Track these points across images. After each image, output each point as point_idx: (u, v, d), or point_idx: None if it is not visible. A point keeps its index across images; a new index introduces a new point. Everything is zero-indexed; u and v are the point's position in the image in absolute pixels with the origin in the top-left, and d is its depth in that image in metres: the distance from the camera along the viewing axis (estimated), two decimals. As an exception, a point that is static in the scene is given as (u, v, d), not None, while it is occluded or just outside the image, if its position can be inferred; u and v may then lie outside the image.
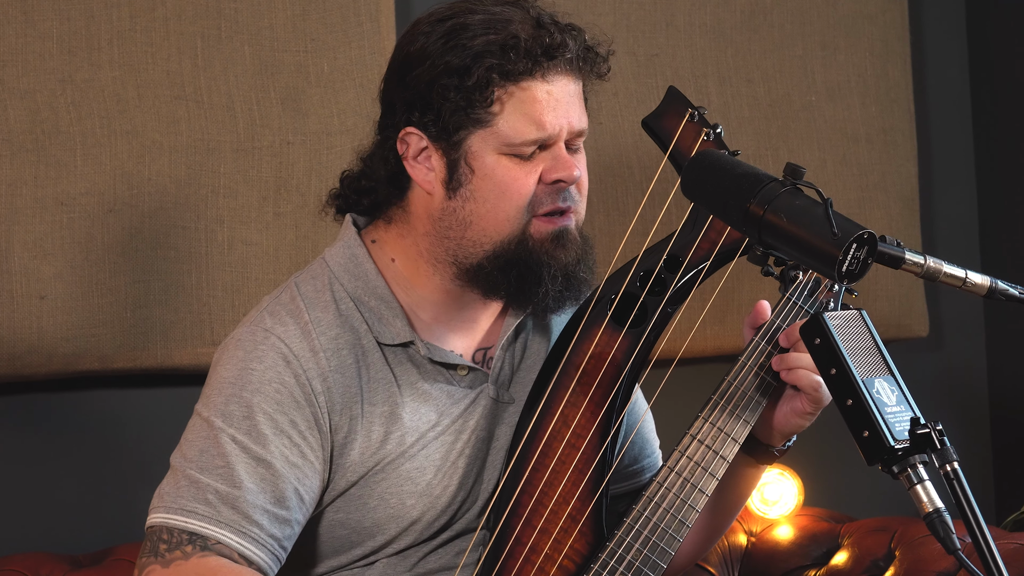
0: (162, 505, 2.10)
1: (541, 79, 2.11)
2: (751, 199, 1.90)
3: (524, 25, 2.12)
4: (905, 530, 2.91)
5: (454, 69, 2.10)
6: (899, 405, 1.81)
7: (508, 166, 2.13)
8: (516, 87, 2.11)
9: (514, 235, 2.15)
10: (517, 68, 2.10)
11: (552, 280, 2.16)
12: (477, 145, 2.13)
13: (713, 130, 2.23)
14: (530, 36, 2.10)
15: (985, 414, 3.58)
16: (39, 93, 2.74)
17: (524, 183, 2.13)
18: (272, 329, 2.15)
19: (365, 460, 2.16)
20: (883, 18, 3.35)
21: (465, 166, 2.13)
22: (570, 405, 2.16)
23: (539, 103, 2.11)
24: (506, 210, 2.14)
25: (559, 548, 2.13)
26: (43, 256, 2.74)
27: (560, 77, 2.13)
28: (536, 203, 2.15)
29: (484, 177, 2.13)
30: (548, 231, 2.15)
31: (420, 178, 2.17)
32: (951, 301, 3.52)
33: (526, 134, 2.12)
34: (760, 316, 2.19)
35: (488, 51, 2.09)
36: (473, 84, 2.09)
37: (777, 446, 2.23)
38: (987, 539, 1.72)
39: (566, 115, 2.14)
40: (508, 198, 2.13)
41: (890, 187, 3.35)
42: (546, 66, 2.11)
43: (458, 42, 2.11)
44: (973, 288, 1.93)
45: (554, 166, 2.14)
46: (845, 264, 1.83)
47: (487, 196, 2.14)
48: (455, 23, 2.13)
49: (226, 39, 2.84)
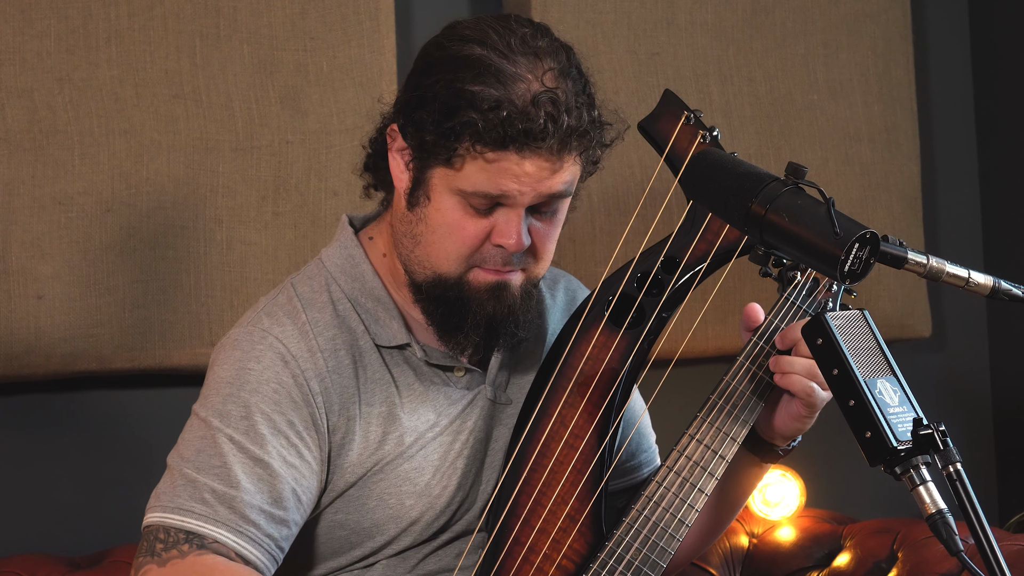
0: (159, 504, 2.10)
1: (515, 153, 2.05)
2: (753, 199, 1.90)
3: (524, 95, 2.04)
4: (908, 532, 2.91)
5: (441, 103, 2.06)
6: (902, 406, 1.81)
7: (460, 213, 2.10)
8: (482, 155, 2.05)
9: (452, 275, 2.13)
10: (490, 137, 2.03)
11: (473, 328, 2.14)
12: (437, 180, 2.10)
13: (710, 133, 2.20)
14: (520, 110, 2.03)
15: (988, 415, 3.58)
16: (37, 92, 2.74)
17: (469, 235, 2.10)
18: (270, 329, 2.15)
19: (364, 461, 2.16)
20: (885, 16, 3.35)
21: (424, 191, 2.11)
22: (568, 406, 2.15)
23: (504, 173, 2.06)
24: (447, 250, 2.12)
25: (558, 548, 2.13)
26: (41, 256, 2.74)
27: (535, 156, 2.06)
28: (479, 259, 2.12)
29: (437, 211, 2.11)
30: (486, 281, 2.13)
31: (395, 174, 2.16)
32: (954, 301, 3.52)
33: (479, 187, 2.07)
34: (751, 318, 2.19)
35: (475, 105, 2.04)
36: (448, 128, 2.05)
37: (781, 446, 2.22)
38: (990, 541, 1.72)
39: (533, 188, 2.07)
40: (452, 241, 2.11)
41: (893, 186, 3.35)
42: (520, 145, 2.05)
43: (461, 78, 2.06)
44: (976, 288, 1.93)
45: (503, 230, 2.10)
46: (847, 264, 1.83)
47: (435, 228, 2.11)
48: (472, 54, 2.07)
49: (225, 38, 2.84)
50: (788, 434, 2.20)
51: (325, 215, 2.88)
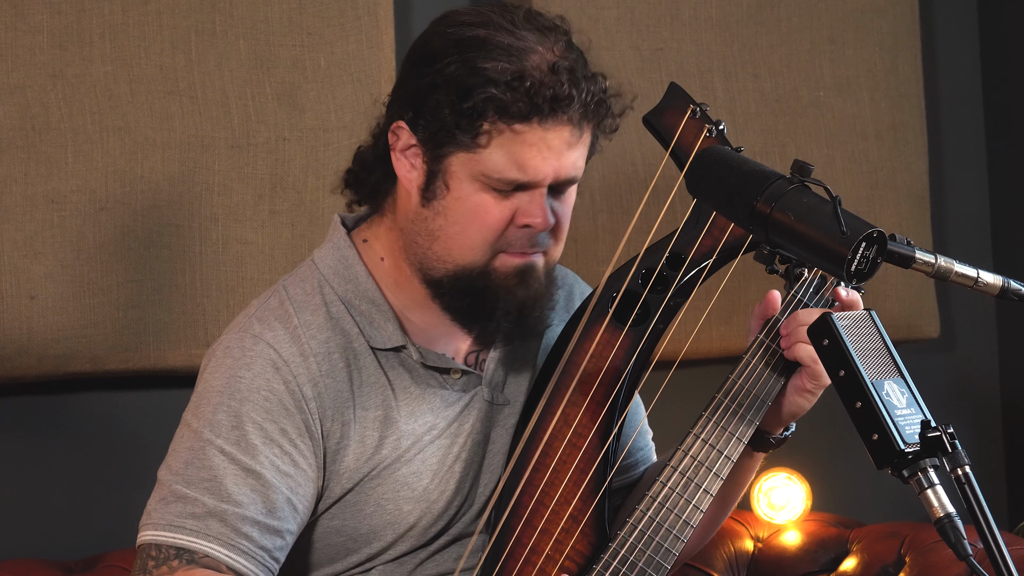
0: (150, 522, 2.10)
1: (539, 125, 2.07)
2: (758, 197, 1.89)
3: (541, 64, 2.07)
4: (915, 536, 2.91)
5: (456, 85, 2.06)
6: (909, 408, 1.81)
7: (483, 197, 2.10)
8: (509, 127, 2.06)
9: (477, 264, 2.13)
10: (516, 108, 2.05)
11: (504, 316, 2.15)
12: (457, 166, 2.10)
13: (716, 127, 2.23)
14: (540, 80, 2.05)
15: (997, 417, 3.58)
16: (29, 88, 2.74)
17: (495, 218, 2.10)
18: (261, 335, 2.14)
19: (360, 466, 2.15)
20: (893, 11, 3.35)
21: (442, 181, 2.11)
22: (571, 405, 2.15)
23: (529, 147, 2.07)
24: (472, 238, 2.12)
25: (560, 549, 2.13)
26: (33, 255, 2.73)
27: (560, 126, 2.08)
28: (504, 243, 2.12)
29: (457, 199, 2.11)
30: (513, 265, 2.13)
31: (402, 174, 2.15)
32: (963, 301, 3.53)
33: (506, 173, 2.08)
34: (771, 307, 2.18)
35: (493, 79, 2.05)
36: (468, 108, 2.06)
37: (775, 433, 2.21)
38: (999, 545, 1.72)
39: (556, 164, 2.09)
40: (476, 228, 2.11)
41: (900, 184, 3.35)
42: (546, 114, 2.06)
43: (470, 58, 2.07)
44: (985, 288, 1.93)
45: (528, 210, 2.10)
46: (854, 263, 1.82)
47: (457, 218, 2.11)
48: (478, 35, 2.09)
49: (220, 33, 2.84)
50: (784, 413, 2.18)
51: (322, 213, 2.89)
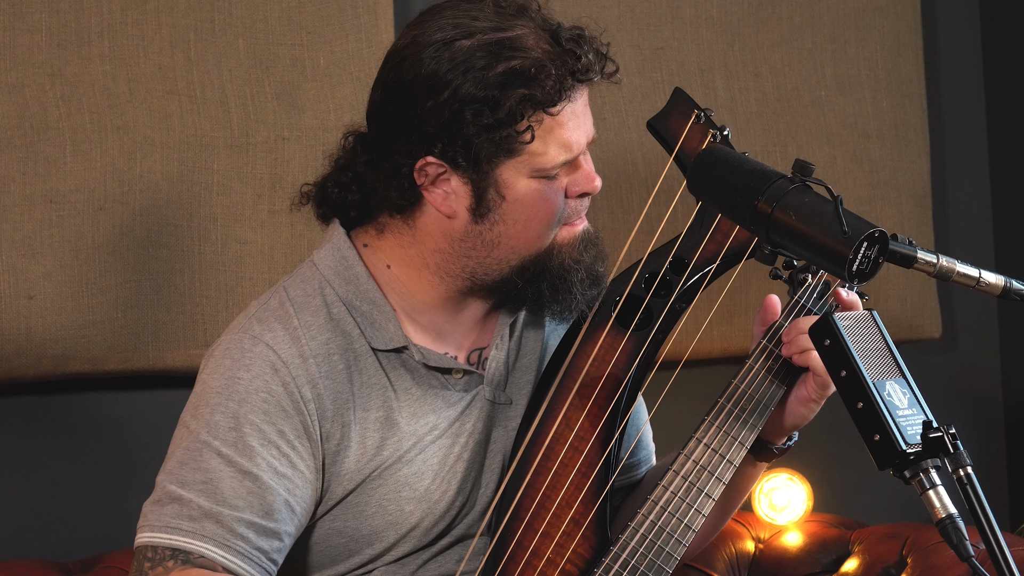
0: (147, 524, 2.10)
1: (568, 100, 2.10)
2: (759, 196, 1.89)
3: (540, 45, 2.09)
4: (917, 536, 2.91)
5: (480, 100, 2.06)
6: (911, 408, 1.81)
7: (538, 189, 2.12)
8: (547, 116, 2.09)
9: (544, 247, 2.16)
10: (549, 97, 2.08)
11: (581, 283, 2.17)
12: (508, 174, 2.11)
13: (720, 132, 2.23)
14: (553, 60, 2.08)
15: (999, 417, 3.57)
16: (27, 87, 2.74)
17: (555, 202, 2.13)
18: (260, 336, 2.14)
19: (362, 467, 2.15)
20: (895, 10, 3.35)
21: (494, 193, 2.12)
22: (573, 408, 2.15)
23: (565, 125, 2.10)
24: (537, 229, 2.14)
25: (562, 552, 2.13)
26: (31, 255, 2.73)
27: (579, 93, 2.13)
28: (565, 217, 2.16)
29: (515, 202, 2.12)
30: (574, 235, 2.17)
31: (438, 203, 2.14)
32: (965, 301, 3.52)
33: (557, 159, 2.11)
34: (770, 312, 2.19)
35: (513, 81, 2.06)
36: (505, 116, 2.06)
37: (777, 443, 2.21)
38: (1001, 546, 1.72)
39: (584, 128, 2.13)
40: (540, 218, 2.14)
41: (902, 184, 3.34)
42: (572, 88, 2.10)
43: (480, 70, 2.07)
44: (987, 288, 1.93)
45: (578, 180, 2.15)
46: (856, 263, 1.82)
47: (518, 219, 2.13)
48: (464, 47, 2.08)
49: (219, 32, 2.84)
50: (791, 424, 2.18)
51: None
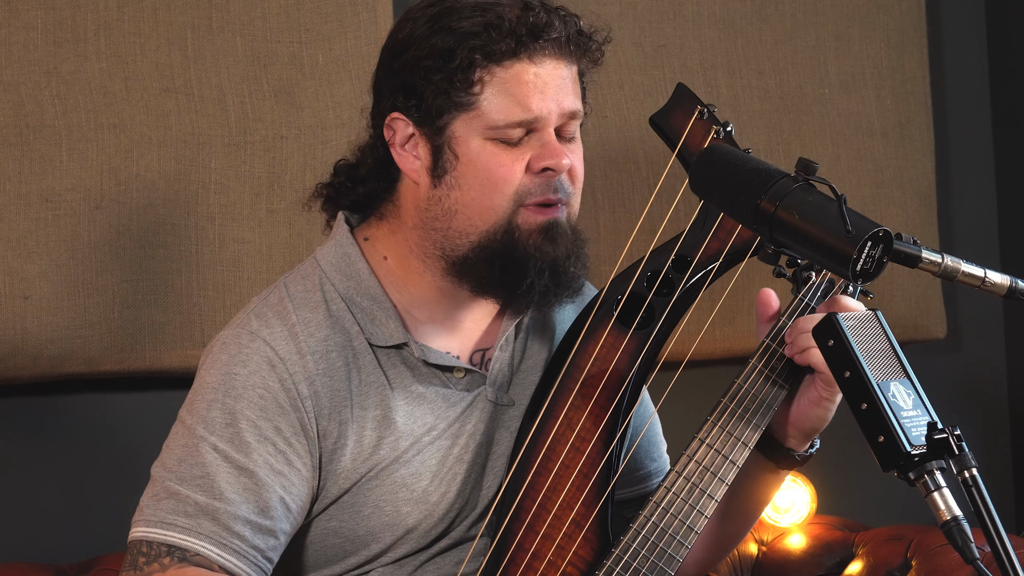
0: (142, 519, 2.10)
1: (528, 60, 2.08)
2: (762, 195, 1.88)
3: (512, 7, 2.10)
4: (922, 539, 2.91)
5: (438, 51, 2.08)
6: (915, 409, 1.80)
7: (493, 151, 2.10)
8: (500, 68, 2.08)
9: (500, 225, 2.12)
10: (501, 48, 2.07)
11: (538, 274, 2.13)
12: (461, 130, 2.10)
13: (723, 128, 2.22)
14: (516, 17, 2.08)
15: (1005, 418, 3.58)
16: (23, 85, 2.74)
17: (511, 170, 2.10)
18: (258, 332, 2.14)
19: (358, 466, 2.14)
20: (899, 7, 3.35)
21: (449, 152, 2.11)
22: (574, 408, 2.15)
23: (525, 84, 2.08)
24: (491, 198, 2.11)
25: (563, 554, 2.11)
26: (27, 255, 2.73)
27: (548, 60, 2.10)
28: (524, 192, 2.11)
29: (469, 163, 2.11)
30: (537, 222, 2.12)
31: (407, 167, 2.16)
32: (969, 301, 3.52)
33: (511, 115, 2.09)
34: (766, 306, 2.17)
35: (472, 32, 2.08)
36: (456, 66, 2.08)
37: (798, 450, 2.19)
38: (1007, 548, 1.71)
39: (555, 98, 2.10)
40: (493, 185, 2.11)
41: (906, 183, 3.34)
42: (532, 47, 2.08)
43: (444, 24, 2.09)
44: (992, 288, 1.92)
45: (542, 153, 2.10)
46: (860, 263, 1.81)
47: (472, 183, 2.11)
48: (443, 7, 2.12)
49: (217, 29, 2.84)
50: (806, 428, 2.16)
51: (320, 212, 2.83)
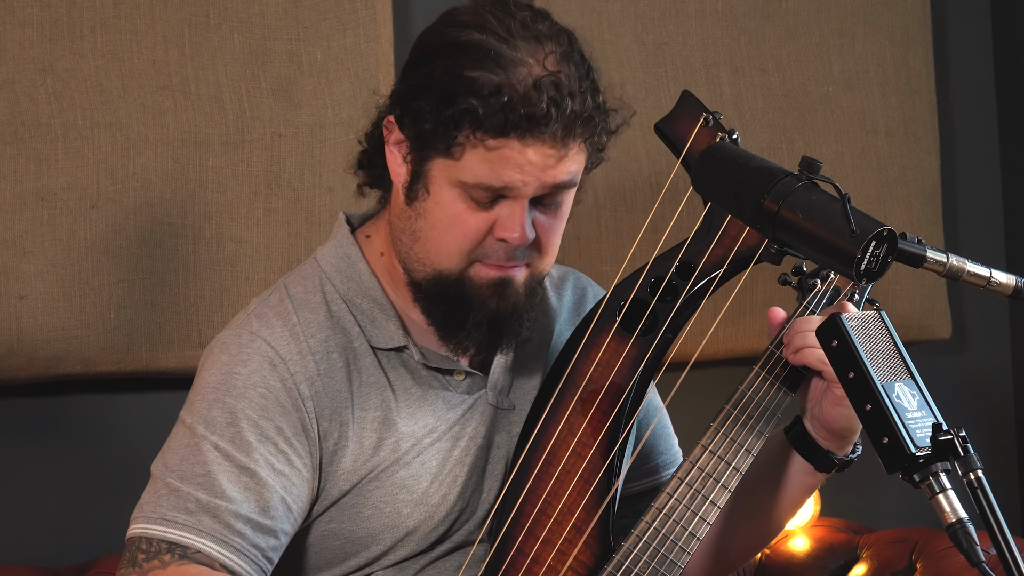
0: (142, 515, 2.09)
1: (517, 140, 2.03)
2: (765, 194, 1.86)
3: (525, 79, 2.02)
4: (927, 541, 2.90)
5: (440, 90, 2.04)
6: (920, 410, 1.78)
7: (460, 207, 2.07)
8: (482, 143, 2.02)
9: (453, 272, 2.11)
10: (493, 122, 2.02)
11: (475, 327, 2.12)
12: (437, 171, 2.08)
13: (729, 135, 2.20)
14: (519, 96, 2.01)
15: (1010, 419, 3.57)
16: (18, 83, 2.73)
17: (471, 229, 2.08)
18: (258, 332, 2.13)
19: (358, 468, 2.14)
20: (903, 4, 3.35)
21: (423, 184, 2.09)
22: (576, 413, 2.14)
23: (506, 160, 2.03)
24: (448, 245, 2.09)
25: (563, 560, 2.11)
26: (23, 254, 2.72)
27: (539, 143, 2.04)
28: (480, 253, 2.10)
29: (437, 204, 2.08)
30: (489, 277, 2.11)
31: (392, 167, 2.14)
32: (975, 301, 3.52)
33: (481, 177, 2.04)
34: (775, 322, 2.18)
35: (474, 91, 2.02)
36: (447, 116, 2.03)
37: (838, 453, 2.18)
38: (1012, 551, 1.69)
39: (536, 175, 2.05)
40: (453, 235, 2.09)
41: (911, 182, 3.34)
42: (524, 131, 2.03)
43: (459, 63, 2.04)
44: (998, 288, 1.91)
45: (505, 224, 2.07)
46: (864, 263, 1.79)
47: (435, 223, 2.09)
48: (471, 39, 2.05)
49: (214, 27, 2.83)
50: (836, 428, 2.15)
51: (319, 212, 2.88)
